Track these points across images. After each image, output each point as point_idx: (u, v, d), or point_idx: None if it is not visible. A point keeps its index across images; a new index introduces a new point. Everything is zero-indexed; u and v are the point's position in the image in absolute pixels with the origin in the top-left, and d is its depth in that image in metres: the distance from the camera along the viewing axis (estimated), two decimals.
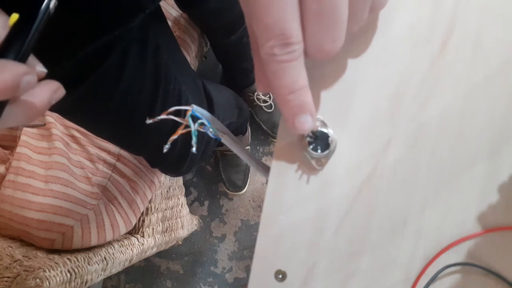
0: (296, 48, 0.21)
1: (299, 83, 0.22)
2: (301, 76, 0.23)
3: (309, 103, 0.23)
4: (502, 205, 0.26)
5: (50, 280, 0.59)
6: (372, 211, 0.27)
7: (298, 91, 0.23)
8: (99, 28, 0.42)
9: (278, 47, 0.21)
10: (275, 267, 0.28)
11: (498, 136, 0.26)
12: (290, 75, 0.22)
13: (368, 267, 0.27)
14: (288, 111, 0.23)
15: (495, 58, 0.26)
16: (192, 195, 1.36)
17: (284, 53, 0.21)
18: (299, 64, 0.22)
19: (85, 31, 0.41)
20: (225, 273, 1.32)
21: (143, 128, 0.57)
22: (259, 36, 0.22)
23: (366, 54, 0.28)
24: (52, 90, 0.25)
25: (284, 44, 0.21)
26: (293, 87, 0.22)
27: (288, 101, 0.23)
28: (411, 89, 0.27)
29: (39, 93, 0.24)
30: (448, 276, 0.27)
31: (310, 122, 0.23)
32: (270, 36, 0.21)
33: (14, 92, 0.22)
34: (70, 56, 0.42)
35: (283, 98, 0.23)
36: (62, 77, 0.43)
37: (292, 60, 0.22)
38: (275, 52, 0.21)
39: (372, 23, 0.28)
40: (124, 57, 0.47)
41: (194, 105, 0.26)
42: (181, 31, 0.89)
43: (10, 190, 0.70)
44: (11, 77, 0.21)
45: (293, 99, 0.23)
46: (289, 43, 0.21)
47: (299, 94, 0.23)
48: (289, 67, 0.22)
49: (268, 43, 0.21)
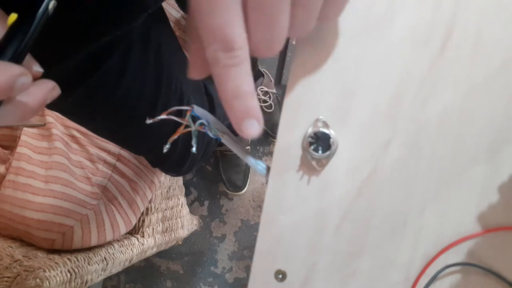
0: (239, 54, 0.21)
1: (243, 87, 0.22)
2: (245, 81, 0.22)
3: (253, 108, 0.23)
4: (502, 205, 0.26)
5: (50, 280, 0.59)
6: (372, 211, 0.27)
7: (242, 96, 0.22)
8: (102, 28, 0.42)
9: (221, 51, 0.21)
10: (275, 267, 0.28)
11: (498, 136, 0.26)
12: (234, 79, 0.22)
13: (368, 267, 0.27)
14: (233, 116, 0.23)
15: (495, 58, 0.26)
16: (192, 195, 1.36)
17: (227, 58, 0.21)
18: (243, 69, 0.22)
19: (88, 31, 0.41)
20: (225, 273, 1.32)
21: (144, 128, 0.56)
22: (203, 37, 0.22)
23: (367, 54, 0.28)
24: (48, 90, 0.25)
25: (227, 49, 0.21)
26: (237, 92, 0.22)
27: (232, 106, 0.23)
28: (411, 89, 0.27)
29: (34, 92, 0.24)
30: (448, 276, 0.27)
31: (256, 127, 0.23)
32: (214, 40, 0.21)
33: (8, 93, 0.22)
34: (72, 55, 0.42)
35: (228, 102, 0.23)
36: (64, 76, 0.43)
37: (235, 65, 0.22)
38: (219, 56, 0.21)
39: (372, 23, 0.28)
40: (126, 57, 0.47)
41: (194, 105, 0.26)
42: (182, 31, 0.89)
43: (10, 190, 0.70)
44: (6, 78, 0.21)
45: (237, 104, 0.23)
46: (232, 48, 0.21)
47: (243, 100, 0.22)
48: (233, 71, 0.22)
49: (212, 47, 0.21)
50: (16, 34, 0.23)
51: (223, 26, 0.21)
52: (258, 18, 0.21)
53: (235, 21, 0.21)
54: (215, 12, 0.21)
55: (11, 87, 0.22)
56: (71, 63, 0.42)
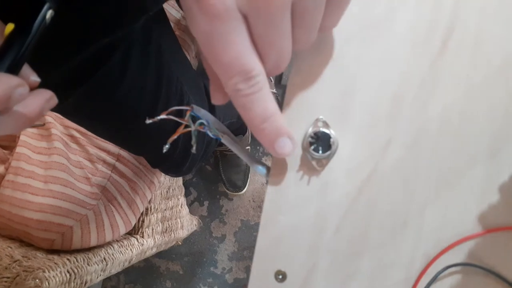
0: (259, 80, 0.22)
1: (269, 110, 0.23)
2: (270, 103, 0.23)
3: (283, 126, 0.24)
4: (503, 205, 0.26)
5: (49, 281, 0.59)
6: (373, 211, 0.27)
7: (270, 118, 0.23)
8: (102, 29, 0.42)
9: (241, 82, 0.22)
10: (275, 268, 0.28)
11: (498, 136, 0.26)
12: (259, 105, 0.22)
13: (369, 267, 0.27)
14: (266, 139, 0.23)
15: (495, 58, 0.26)
16: (192, 195, 1.35)
17: (249, 87, 0.22)
18: (265, 92, 0.23)
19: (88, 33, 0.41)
20: (225, 274, 1.32)
21: (144, 129, 0.56)
22: (220, 75, 0.22)
23: (367, 54, 0.28)
24: (45, 100, 0.25)
25: (246, 79, 0.22)
26: (265, 116, 0.23)
27: (263, 130, 0.23)
28: (411, 89, 0.27)
29: (31, 103, 0.24)
30: (449, 277, 0.27)
31: (290, 144, 0.24)
32: (232, 74, 0.21)
33: (5, 104, 0.22)
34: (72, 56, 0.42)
35: (258, 128, 0.23)
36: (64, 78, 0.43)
37: (257, 91, 0.22)
38: (240, 87, 0.22)
39: (373, 23, 0.28)
40: (127, 58, 0.47)
41: (194, 105, 0.26)
42: (181, 31, 0.89)
43: (9, 190, 0.70)
44: (3, 90, 0.21)
45: (267, 126, 0.23)
46: (251, 76, 0.22)
47: (272, 121, 0.23)
48: (256, 98, 0.22)
49: (231, 81, 0.22)
50: (13, 44, 0.23)
51: (237, 58, 0.21)
52: (265, 46, 0.22)
53: (247, 51, 0.21)
54: (228, 47, 0.21)
55: (9, 98, 0.22)
56: (72, 64, 0.42)
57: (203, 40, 0.21)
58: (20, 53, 0.23)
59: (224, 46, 0.21)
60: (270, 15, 0.21)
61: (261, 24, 0.21)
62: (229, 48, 0.21)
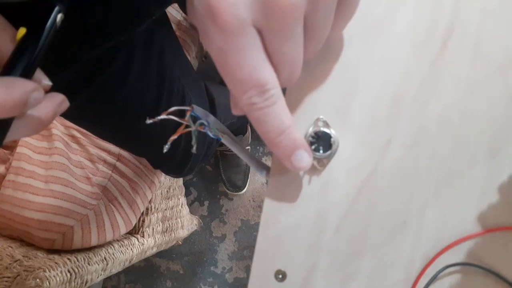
0: (274, 92, 0.22)
1: (285, 123, 0.23)
2: (285, 116, 0.23)
3: (299, 139, 0.23)
4: (502, 205, 0.26)
5: (50, 280, 0.59)
6: (372, 211, 0.27)
7: (286, 131, 0.23)
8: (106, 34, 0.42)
9: (256, 96, 0.21)
10: (275, 267, 0.28)
11: (498, 136, 0.26)
12: (274, 118, 0.22)
13: (368, 267, 0.27)
14: (282, 153, 0.23)
15: (495, 58, 0.26)
16: (192, 195, 1.36)
17: (263, 100, 0.22)
18: (280, 105, 0.22)
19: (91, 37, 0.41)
20: (225, 273, 1.32)
21: (146, 130, 0.57)
22: (234, 90, 0.22)
23: (367, 54, 0.28)
24: (58, 103, 0.25)
25: (261, 92, 0.21)
26: (281, 129, 0.23)
27: (279, 143, 0.23)
28: (411, 89, 0.27)
29: (44, 107, 0.24)
30: (448, 276, 0.27)
31: (307, 157, 0.24)
32: (246, 88, 0.21)
33: (22, 109, 0.22)
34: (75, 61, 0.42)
35: (273, 142, 0.23)
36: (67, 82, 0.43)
37: (273, 104, 0.22)
38: (254, 101, 0.22)
39: (373, 23, 0.28)
40: (129, 61, 0.48)
41: (194, 105, 0.26)
42: (182, 31, 0.89)
43: (10, 190, 0.70)
44: (20, 94, 0.21)
45: (284, 139, 0.23)
46: (266, 90, 0.21)
47: (288, 133, 0.23)
48: (272, 111, 0.22)
49: (246, 95, 0.22)
50: (26, 49, 0.23)
51: (252, 72, 0.21)
52: (278, 59, 0.22)
53: (262, 64, 0.21)
54: (242, 62, 0.21)
55: (25, 103, 0.21)
56: (75, 68, 0.42)
57: (218, 56, 0.21)
58: (33, 57, 0.23)
59: (239, 61, 0.21)
60: (285, 30, 0.21)
61: (275, 38, 0.21)
62: (244, 63, 0.21)
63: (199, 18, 0.21)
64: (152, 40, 0.51)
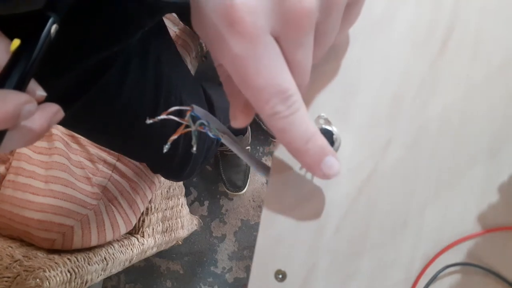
0: (296, 99, 0.21)
1: (310, 129, 0.22)
2: (309, 122, 0.22)
3: (327, 145, 0.23)
4: (502, 205, 0.26)
5: (50, 280, 0.59)
6: (372, 211, 0.27)
7: (312, 138, 0.22)
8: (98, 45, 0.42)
9: (279, 104, 0.21)
10: (275, 267, 0.28)
11: (498, 136, 0.26)
12: (300, 125, 0.22)
13: (368, 267, 0.27)
14: (312, 160, 0.23)
15: (495, 58, 0.26)
16: (192, 195, 1.36)
17: (287, 108, 0.21)
18: (303, 111, 0.22)
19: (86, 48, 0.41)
20: (225, 273, 1.32)
21: (144, 137, 0.57)
22: (254, 101, 0.22)
23: (367, 54, 0.28)
24: (52, 114, 0.25)
25: (283, 99, 0.21)
26: (307, 136, 0.22)
27: (307, 151, 0.22)
28: (411, 89, 0.27)
29: (38, 118, 0.24)
30: (448, 276, 0.27)
31: (337, 163, 0.23)
32: (268, 96, 0.21)
33: (15, 121, 0.21)
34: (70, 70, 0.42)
35: (301, 149, 0.22)
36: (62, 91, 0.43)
37: (296, 111, 0.22)
38: (279, 109, 0.21)
39: (373, 23, 0.28)
40: (124, 70, 0.48)
41: (194, 105, 0.26)
42: (181, 31, 0.89)
43: (10, 190, 0.70)
44: (13, 107, 0.21)
45: (312, 147, 0.22)
46: (288, 96, 0.21)
47: (315, 140, 0.22)
48: (296, 118, 0.22)
49: (269, 104, 0.21)
50: (20, 60, 0.23)
51: (272, 79, 0.21)
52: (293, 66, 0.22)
53: (282, 70, 0.21)
54: (261, 70, 0.21)
55: (18, 115, 0.21)
56: (69, 77, 0.42)
57: (236, 64, 0.21)
58: (27, 68, 0.23)
59: (258, 68, 0.20)
60: (301, 38, 0.21)
61: (290, 46, 0.21)
62: (264, 70, 0.21)
63: (211, 27, 0.21)
64: (148, 49, 0.51)
